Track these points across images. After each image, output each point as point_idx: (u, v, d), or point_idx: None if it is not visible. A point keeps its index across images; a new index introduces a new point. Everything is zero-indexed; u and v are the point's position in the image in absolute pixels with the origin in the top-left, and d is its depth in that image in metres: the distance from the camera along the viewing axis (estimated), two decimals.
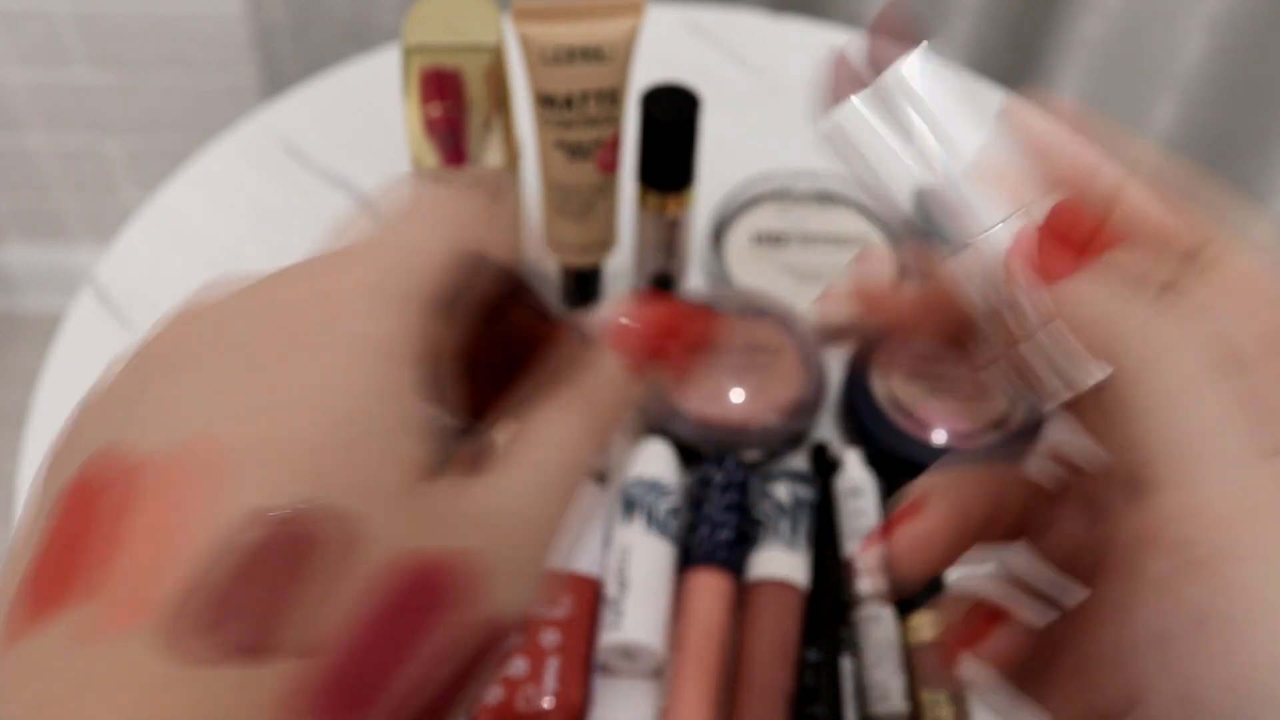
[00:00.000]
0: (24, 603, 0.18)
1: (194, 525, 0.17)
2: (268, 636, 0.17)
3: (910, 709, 0.48)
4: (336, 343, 0.19)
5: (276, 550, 0.17)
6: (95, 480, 0.19)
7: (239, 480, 0.18)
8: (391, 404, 0.19)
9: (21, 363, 1.44)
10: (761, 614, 0.49)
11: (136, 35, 1.17)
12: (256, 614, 0.17)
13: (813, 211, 0.65)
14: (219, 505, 0.17)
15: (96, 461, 0.19)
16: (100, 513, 0.18)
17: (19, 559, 0.19)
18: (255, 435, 0.18)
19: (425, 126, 0.50)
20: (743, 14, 0.77)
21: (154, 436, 0.18)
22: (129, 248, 0.63)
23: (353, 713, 0.18)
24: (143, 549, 0.17)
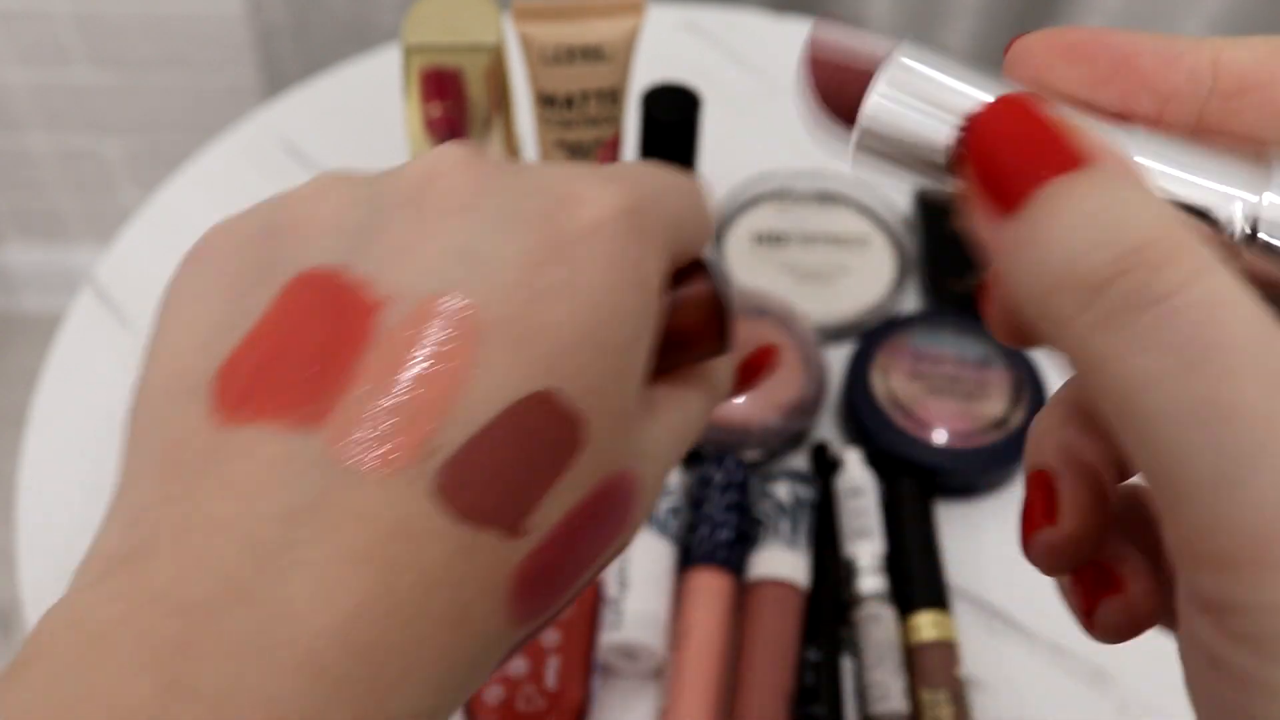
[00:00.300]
0: (229, 387, 0.18)
1: (459, 383, 0.17)
2: (522, 514, 0.18)
3: (910, 709, 0.48)
4: (595, 248, 0.19)
5: (543, 434, 0.18)
6: (319, 293, 0.18)
7: (497, 353, 0.18)
8: (637, 324, 0.20)
9: (21, 363, 1.45)
10: (761, 614, 0.49)
11: (136, 35, 1.17)
12: (520, 489, 0.18)
13: (813, 211, 0.65)
14: (482, 371, 0.18)
15: (321, 275, 0.18)
16: (327, 332, 0.18)
17: (212, 332, 0.19)
18: (512, 311, 0.18)
19: (425, 126, 0.50)
20: (743, 14, 0.77)
21: (398, 276, 0.18)
22: (129, 248, 0.63)
23: (545, 601, 0.19)
24: (395, 390, 0.17)
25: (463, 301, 0.18)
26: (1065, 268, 0.16)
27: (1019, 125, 0.17)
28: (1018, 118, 0.17)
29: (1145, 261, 0.16)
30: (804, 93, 0.21)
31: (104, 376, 0.58)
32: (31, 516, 0.53)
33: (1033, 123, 0.17)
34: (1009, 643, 0.51)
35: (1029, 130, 0.17)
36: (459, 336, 0.18)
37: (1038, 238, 0.16)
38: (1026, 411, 0.55)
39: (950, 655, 0.48)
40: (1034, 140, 0.17)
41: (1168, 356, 0.15)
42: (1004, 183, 0.17)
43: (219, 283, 0.19)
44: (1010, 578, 0.53)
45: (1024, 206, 0.17)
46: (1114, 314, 0.16)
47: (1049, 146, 0.17)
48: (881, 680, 0.48)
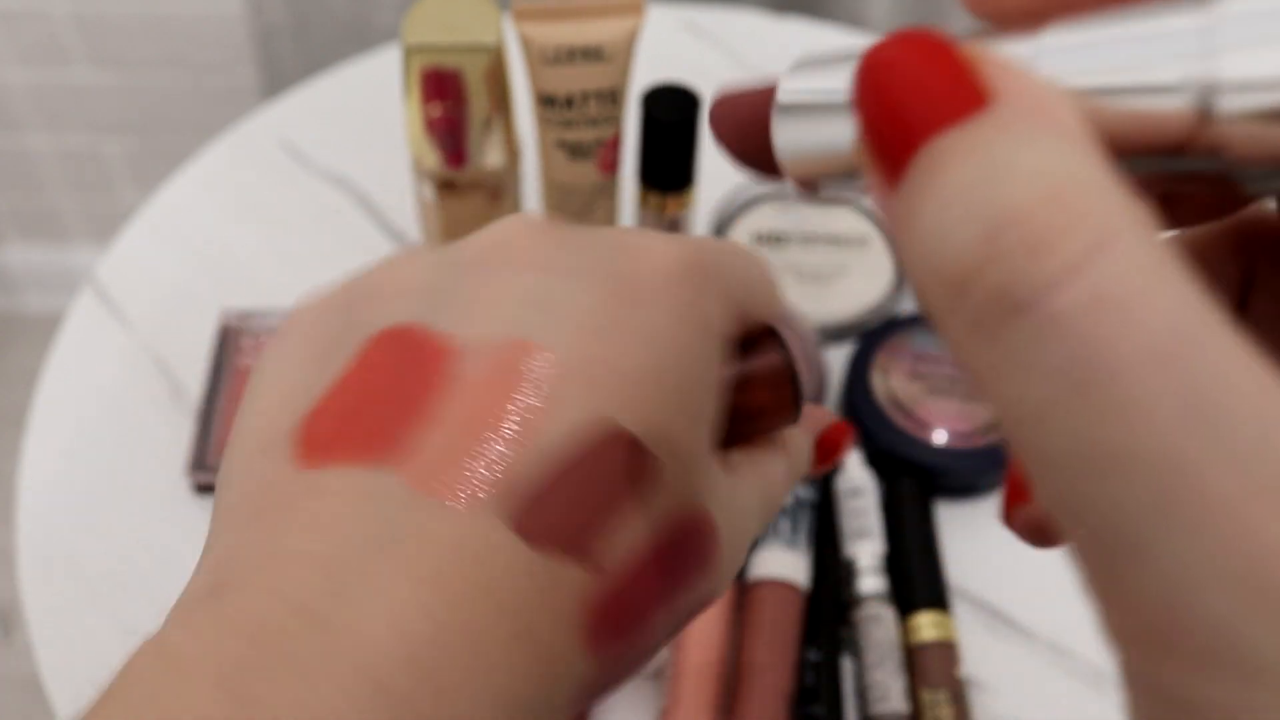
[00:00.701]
0: (312, 435, 0.18)
1: (536, 421, 0.18)
2: (593, 543, 0.18)
3: (910, 709, 0.48)
4: (661, 293, 0.20)
5: (614, 466, 0.18)
6: (398, 347, 0.19)
7: (570, 391, 0.18)
8: (706, 369, 0.20)
9: (21, 362, 1.45)
10: (761, 614, 0.49)
11: (136, 35, 1.17)
12: (591, 519, 0.18)
13: (813, 211, 0.65)
14: (557, 408, 0.18)
15: (399, 332, 0.19)
16: (406, 381, 0.19)
17: (296, 390, 0.20)
18: (585, 352, 0.19)
19: (425, 126, 0.50)
20: (743, 14, 0.77)
21: (474, 328, 0.19)
22: (129, 248, 0.63)
23: (621, 638, 0.19)
24: (473, 429, 0.18)
25: (538, 345, 0.19)
26: (934, 253, 0.13)
27: (907, 65, 0.14)
28: (906, 56, 0.14)
29: (1019, 243, 0.12)
30: (726, 154, 0.21)
31: (104, 376, 0.58)
32: (31, 516, 0.53)
33: (924, 59, 0.14)
34: (1009, 643, 0.51)
35: (919, 70, 0.14)
36: (535, 378, 0.18)
37: (913, 212, 0.13)
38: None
39: (950, 655, 0.48)
40: (923, 83, 0.13)
41: (1049, 382, 0.12)
42: (888, 141, 0.14)
43: (303, 350, 0.20)
44: (1010, 578, 0.53)
45: (906, 171, 0.13)
46: (981, 321, 0.12)
47: (940, 87, 0.13)
48: (882, 680, 0.48)
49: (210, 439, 0.54)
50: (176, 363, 0.58)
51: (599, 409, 0.18)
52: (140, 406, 0.57)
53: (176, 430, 0.56)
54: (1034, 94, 0.13)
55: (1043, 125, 0.13)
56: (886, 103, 0.14)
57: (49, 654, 0.49)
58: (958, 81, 0.13)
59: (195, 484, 0.53)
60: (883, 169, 0.14)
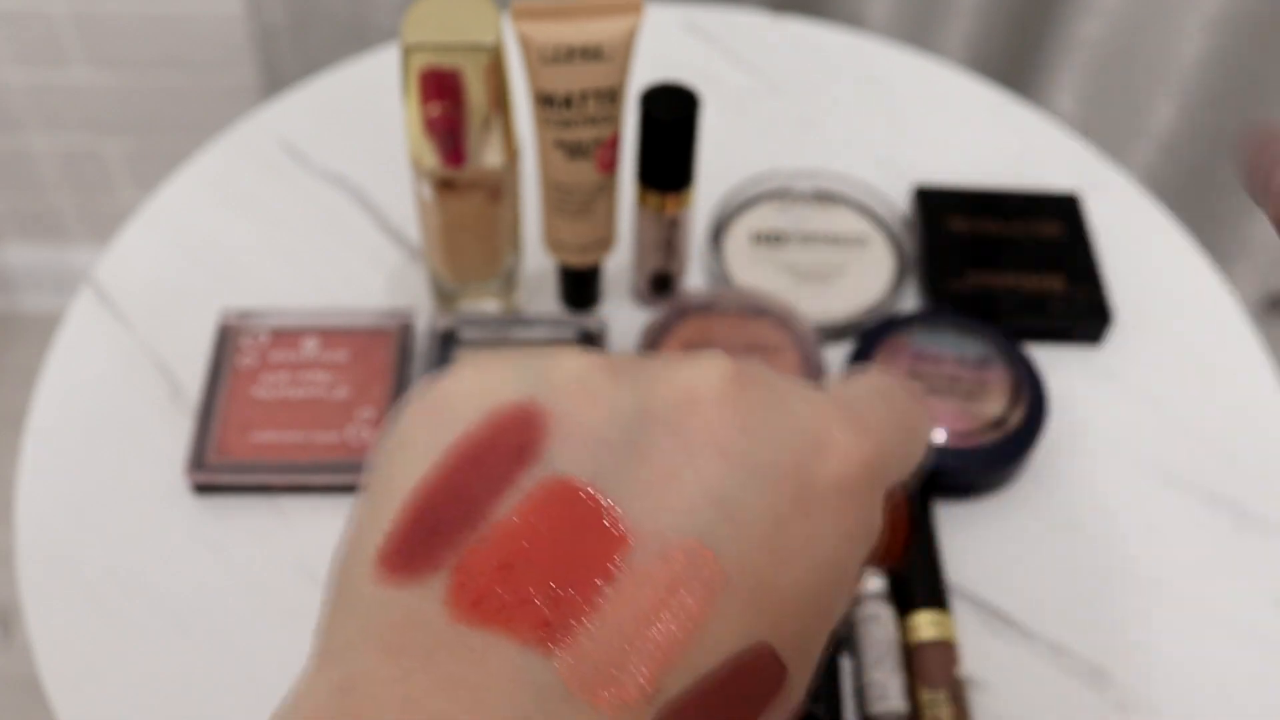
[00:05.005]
0: (470, 582, 0.18)
1: (693, 633, 0.18)
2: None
3: (910, 708, 0.48)
4: (836, 505, 0.20)
5: (757, 687, 0.19)
6: (570, 509, 0.19)
7: (731, 606, 0.18)
8: (854, 577, 0.21)
9: (21, 363, 1.44)
10: None
11: (135, 35, 1.17)
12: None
13: (812, 211, 0.65)
14: (715, 621, 0.18)
15: (573, 490, 0.19)
16: (574, 555, 0.18)
17: (453, 499, 0.19)
18: (752, 568, 0.19)
19: (425, 126, 0.50)
20: (742, 14, 0.77)
21: (653, 519, 0.19)
22: (129, 248, 0.63)
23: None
24: (633, 631, 0.18)
25: (709, 554, 0.19)
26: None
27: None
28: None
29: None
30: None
31: (103, 376, 0.58)
32: (31, 516, 0.53)
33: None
34: (1009, 643, 0.51)
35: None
36: (700, 588, 0.18)
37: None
38: (1026, 411, 0.55)
39: (950, 655, 0.48)
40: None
41: None
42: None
43: (464, 445, 0.20)
44: (1010, 578, 0.53)
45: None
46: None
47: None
48: (881, 680, 0.48)
49: (209, 439, 0.54)
50: (175, 362, 0.58)
51: (753, 630, 0.19)
52: (139, 406, 0.57)
53: (175, 430, 0.56)
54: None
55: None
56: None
57: (48, 654, 0.49)
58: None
59: (194, 484, 0.53)
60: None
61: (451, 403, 0.21)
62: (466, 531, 0.19)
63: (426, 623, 0.18)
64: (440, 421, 0.20)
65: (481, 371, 0.21)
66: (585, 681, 0.17)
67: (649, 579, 0.18)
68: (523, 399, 0.20)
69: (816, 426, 0.21)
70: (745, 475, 0.19)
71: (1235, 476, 0.56)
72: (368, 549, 0.19)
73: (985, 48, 1.13)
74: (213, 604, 0.50)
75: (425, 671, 0.17)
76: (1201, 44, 1.10)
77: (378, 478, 0.21)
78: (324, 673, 0.18)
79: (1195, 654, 0.51)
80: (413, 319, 0.59)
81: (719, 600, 0.18)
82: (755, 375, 0.21)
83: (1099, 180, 0.69)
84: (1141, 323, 0.62)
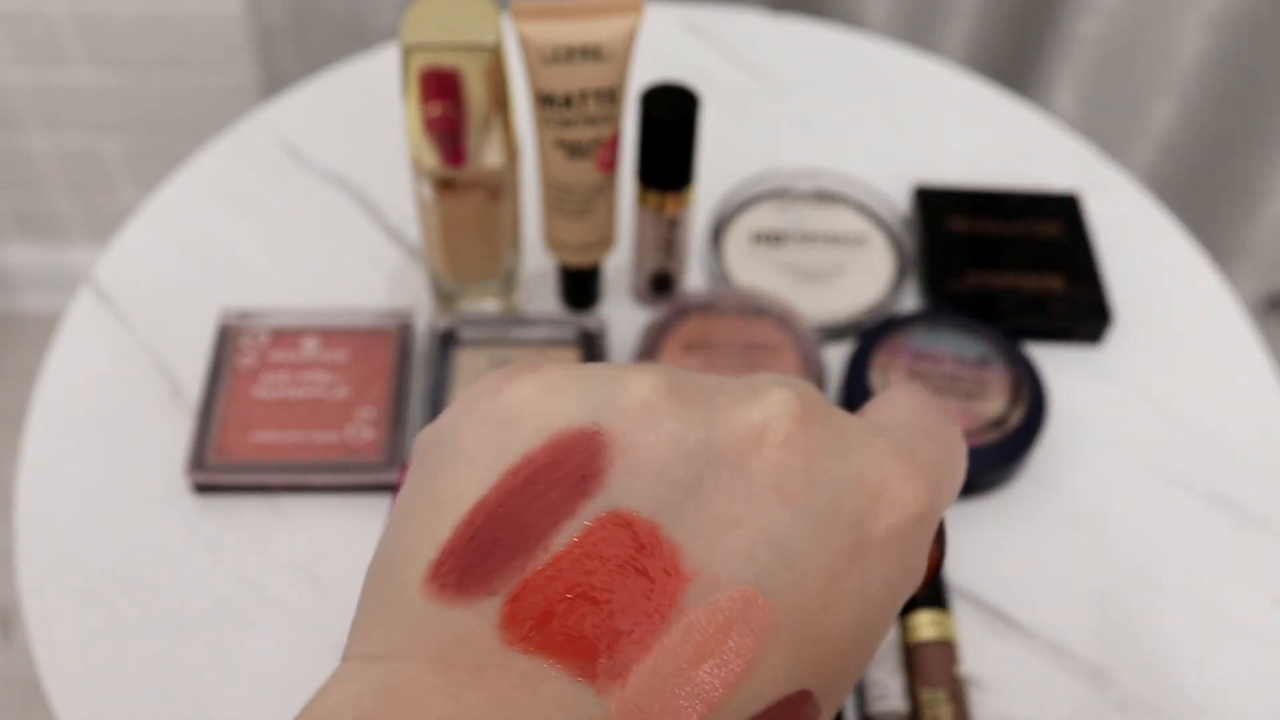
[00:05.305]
0: (526, 608, 0.18)
1: (742, 678, 0.18)
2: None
3: (909, 708, 0.48)
4: (888, 557, 0.21)
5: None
6: (628, 543, 0.19)
7: (779, 652, 0.19)
8: (896, 612, 0.21)
9: (21, 363, 1.44)
10: None
11: (135, 35, 1.17)
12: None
13: (812, 210, 0.65)
14: (761, 666, 0.19)
15: (633, 524, 0.19)
16: (630, 590, 0.18)
17: (507, 515, 0.19)
18: (805, 617, 0.19)
19: (424, 126, 0.50)
20: (742, 14, 0.77)
21: (711, 554, 0.19)
22: (128, 248, 0.63)
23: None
24: (684, 670, 0.18)
25: (764, 601, 0.19)
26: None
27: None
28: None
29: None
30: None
31: (103, 376, 0.58)
32: (31, 516, 0.53)
33: None
34: (1009, 642, 0.51)
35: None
36: (754, 634, 0.19)
37: None
38: (1025, 411, 0.55)
39: (949, 654, 0.48)
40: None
41: None
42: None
43: (526, 468, 0.20)
44: (1010, 577, 0.53)
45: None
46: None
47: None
48: (880, 679, 0.48)
49: (209, 439, 0.54)
50: (175, 362, 0.58)
51: (797, 676, 0.19)
52: (139, 406, 0.57)
53: (175, 430, 0.56)
54: None
55: None
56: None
57: (48, 654, 0.49)
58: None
59: (194, 484, 0.53)
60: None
61: (514, 418, 0.20)
62: (523, 557, 0.19)
63: (478, 643, 0.18)
64: (502, 437, 0.20)
65: (547, 387, 0.21)
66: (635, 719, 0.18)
67: (703, 622, 0.18)
68: (587, 424, 0.20)
69: (876, 476, 0.21)
70: (805, 524, 0.20)
71: (1235, 476, 0.56)
72: (419, 559, 0.19)
73: (985, 48, 1.13)
74: (213, 604, 0.50)
75: (475, 689, 0.17)
76: (1201, 44, 1.10)
77: (431, 485, 0.20)
78: (369, 676, 0.18)
79: (1195, 654, 0.51)
80: (413, 319, 0.59)
81: (769, 645, 0.19)
82: (819, 414, 0.21)
83: (1099, 180, 0.69)
84: (1141, 323, 0.62)
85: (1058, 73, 1.13)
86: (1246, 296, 1.32)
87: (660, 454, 0.20)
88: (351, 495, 0.54)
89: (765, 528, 0.19)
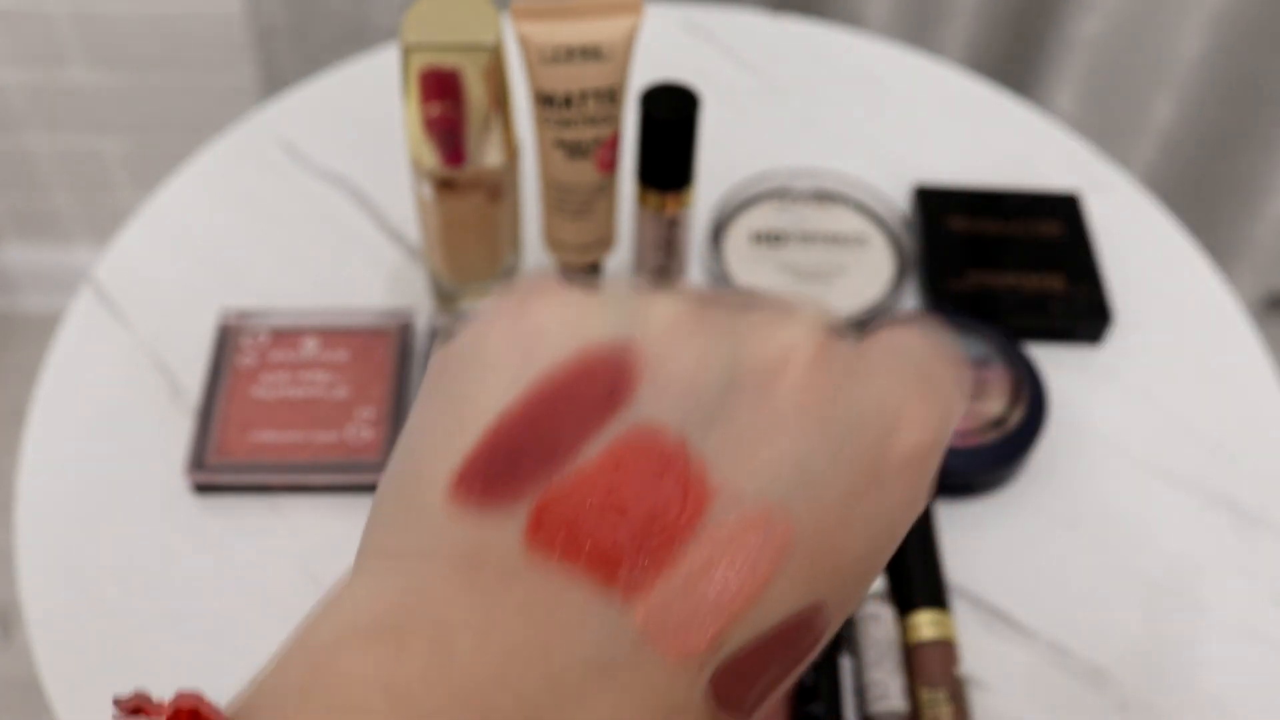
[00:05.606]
0: (549, 519, 0.18)
1: (759, 592, 0.18)
2: (761, 703, 0.20)
3: (910, 708, 0.48)
4: (907, 480, 0.21)
5: (805, 641, 0.19)
6: (655, 458, 0.19)
7: (797, 568, 0.19)
8: (896, 547, 0.21)
9: (21, 362, 1.44)
10: None
11: (135, 35, 1.17)
12: (769, 688, 0.19)
13: (812, 210, 0.65)
14: (780, 582, 0.19)
15: (660, 439, 0.19)
16: (655, 505, 0.18)
17: (531, 425, 0.19)
18: (823, 534, 0.19)
19: (424, 126, 0.50)
20: (742, 14, 0.77)
21: (734, 472, 0.19)
22: (128, 248, 0.63)
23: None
24: (705, 587, 0.18)
25: (785, 518, 0.19)
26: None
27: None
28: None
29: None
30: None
31: (103, 376, 0.58)
32: (31, 516, 0.53)
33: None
34: (1009, 642, 0.51)
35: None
36: (773, 549, 0.19)
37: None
38: (1025, 411, 0.55)
39: (949, 654, 0.48)
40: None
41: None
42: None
43: (554, 380, 0.20)
44: (1010, 577, 0.53)
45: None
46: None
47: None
48: (881, 679, 0.48)
49: (209, 439, 0.54)
50: (175, 362, 0.58)
51: (812, 592, 0.19)
52: (139, 406, 0.57)
53: (175, 430, 0.56)
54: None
55: None
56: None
57: (48, 654, 0.49)
58: None
59: (194, 484, 0.53)
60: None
61: (542, 331, 0.20)
62: (549, 468, 0.19)
63: (501, 552, 0.18)
64: (530, 348, 0.20)
65: (574, 305, 0.21)
66: (657, 631, 0.18)
67: (725, 537, 0.18)
68: (617, 339, 0.20)
69: (896, 399, 0.21)
70: (828, 445, 0.20)
71: (1235, 476, 0.56)
72: (441, 467, 0.19)
73: (985, 48, 1.13)
74: (213, 604, 0.50)
75: (501, 594, 0.17)
76: (1201, 44, 1.10)
77: (454, 392, 0.20)
78: (392, 573, 0.18)
79: (1195, 653, 0.51)
80: (413, 319, 0.59)
81: (785, 561, 0.19)
82: (843, 340, 0.21)
83: (1099, 180, 0.69)
84: (1141, 323, 0.62)
85: (1058, 73, 1.13)
86: (1246, 296, 1.32)
87: (688, 371, 0.20)
88: (351, 495, 0.54)
89: (789, 448, 0.19)
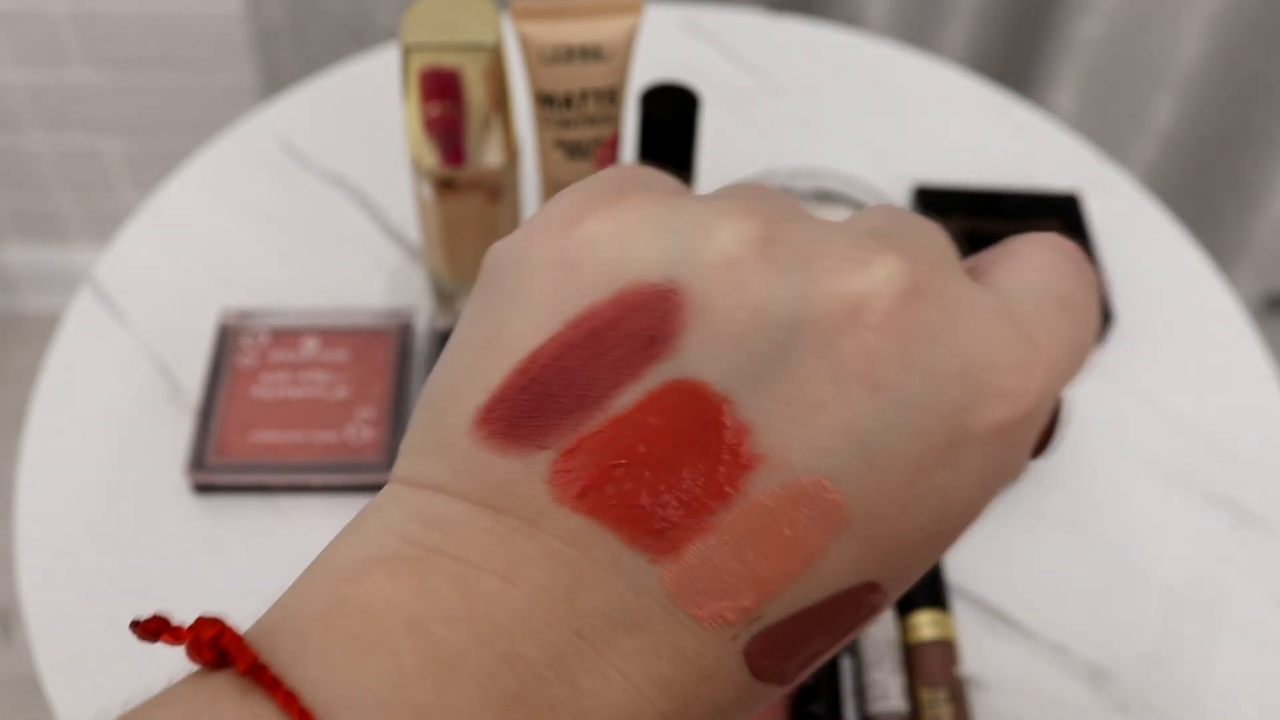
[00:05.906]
0: (575, 465, 0.17)
1: (804, 568, 0.17)
2: (804, 674, 0.19)
3: (910, 708, 0.48)
4: (986, 455, 0.19)
5: (856, 617, 0.19)
6: (696, 414, 0.17)
7: (848, 547, 0.18)
8: (973, 525, 0.20)
9: (21, 363, 1.44)
10: None
11: (135, 35, 1.17)
12: (812, 660, 0.19)
13: (812, 210, 0.65)
14: (828, 559, 0.18)
15: (706, 396, 0.17)
16: (696, 465, 0.17)
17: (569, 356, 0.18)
18: (880, 515, 0.18)
19: (424, 126, 0.50)
20: (741, 13, 0.77)
21: (785, 438, 0.17)
22: (128, 248, 0.63)
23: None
24: (742, 553, 0.17)
25: (837, 495, 0.17)
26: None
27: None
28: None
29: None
30: None
31: (103, 376, 0.58)
32: (31, 516, 0.53)
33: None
34: (1008, 642, 0.51)
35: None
36: (821, 527, 0.17)
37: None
38: None
39: (949, 654, 0.48)
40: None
41: None
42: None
43: (590, 321, 0.18)
44: (1010, 577, 0.53)
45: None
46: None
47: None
48: (880, 679, 0.48)
49: (209, 439, 0.54)
50: (175, 362, 0.58)
51: (865, 570, 0.18)
52: (139, 406, 0.57)
53: (175, 430, 0.56)
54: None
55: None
56: None
57: (48, 654, 0.49)
58: None
59: (194, 484, 0.53)
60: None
61: (582, 262, 0.18)
62: (579, 416, 0.17)
63: (525, 493, 0.17)
64: (567, 283, 0.18)
65: (624, 229, 0.19)
66: (688, 593, 0.17)
67: (768, 509, 0.17)
68: (663, 280, 0.18)
69: (984, 365, 0.18)
70: (893, 416, 0.18)
71: (1235, 476, 0.56)
72: (468, 400, 0.18)
73: (985, 48, 1.13)
74: (213, 604, 0.50)
75: (526, 536, 0.17)
76: (1201, 44, 1.10)
77: (486, 321, 0.19)
78: (418, 502, 0.18)
79: (1195, 653, 0.51)
80: (413, 319, 0.59)
81: (835, 543, 0.17)
82: (930, 288, 0.18)
83: (1099, 180, 0.69)
84: (1141, 322, 0.62)
85: (1058, 73, 1.13)
86: (1246, 296, 1.32)
87: (741, 320, 0.18)
88: (351, 495, 0.54)
89: (848, 417, 0.17)
